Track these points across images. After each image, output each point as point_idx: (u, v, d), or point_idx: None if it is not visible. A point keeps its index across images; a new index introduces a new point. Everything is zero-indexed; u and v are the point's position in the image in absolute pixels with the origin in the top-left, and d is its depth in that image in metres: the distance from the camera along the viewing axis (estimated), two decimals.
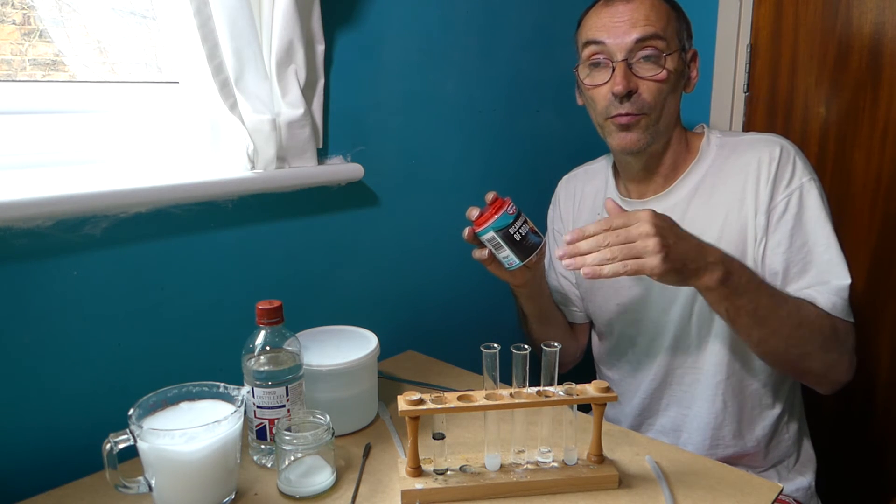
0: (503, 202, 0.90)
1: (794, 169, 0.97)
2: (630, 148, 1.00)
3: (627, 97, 0.96)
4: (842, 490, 1.47)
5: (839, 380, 0.98)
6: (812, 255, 0.96)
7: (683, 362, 1.05)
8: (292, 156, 1.02)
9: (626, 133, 0.99)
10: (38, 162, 0.87)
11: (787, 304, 0.91)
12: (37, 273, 0.82)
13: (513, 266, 0.92)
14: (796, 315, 0.90)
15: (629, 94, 0.95)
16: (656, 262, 0.78)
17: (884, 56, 1.34)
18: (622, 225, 0.81)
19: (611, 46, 0.97)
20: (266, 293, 0.88)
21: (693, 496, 0.77)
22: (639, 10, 0.96)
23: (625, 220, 0.81)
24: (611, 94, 0.96)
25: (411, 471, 0.78)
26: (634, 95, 0.96)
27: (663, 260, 0.78)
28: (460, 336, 1.37)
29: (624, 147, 1.00)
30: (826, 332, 0.92)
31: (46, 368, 0.84)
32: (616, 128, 0.99)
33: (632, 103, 0.96)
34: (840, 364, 0.96)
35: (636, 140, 0.99)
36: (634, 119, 0.97)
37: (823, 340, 0.93)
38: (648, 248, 0.79)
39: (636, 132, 0.98)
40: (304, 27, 0.98)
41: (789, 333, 0.90)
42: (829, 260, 0.95)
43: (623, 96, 0.95)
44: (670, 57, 0.97)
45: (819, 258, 0.95)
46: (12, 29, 0.93)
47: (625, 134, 0.99)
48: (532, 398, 0.78)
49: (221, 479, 0.75)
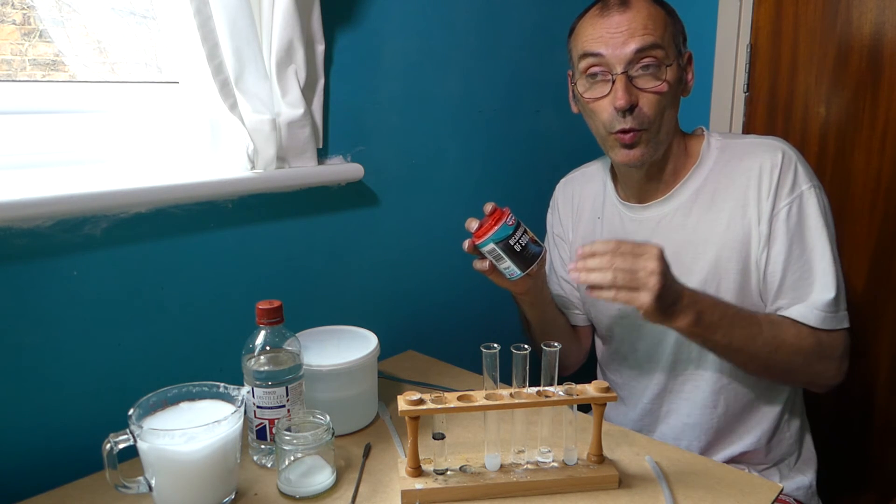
0: (502, 213, 0.89)
1: (795, 176, 0.97)
2: (634, 164, 1.00)
3: (630, 111, 0.95)
4: (842, 489, 1.47)
5: (828, 384, 1.00)
6: (809, 265, 0.96)
7: (685, 368, 1.05)
8: (292, 156, 1.02)
9: (630, 150, 0.98)
10: (38, 162, 0.87)
11: (763, 332, 0.93)
12: (37, 273, 0.82)
13: (514, 276, 0.91)
14: (772, 341, 0.93)
15: (631, 108, 0.95)
16: (649, 300, 0.82)
17: (884, 56, 1.34)
18: (630, 252, 0.83)
19: (609, 58, 0.95)
20: (266, 293, 0.88)
21: (693, 496, 0.77)
22: (636, 20, 0.94)
23: (634, 248, 0.83)
24: (613, 108, 0.96)
25: (411, 471, 0.78)
26: (636, 109, 0.95)
27: (655, 299, 0.82)
28: (460, 336, 1.37)
29: (628, 163, 1.00)
30: (807, 350, 0.95)
31: (46, 368, 0.84)
32: (619, 144, 0.99)
33: (634, 117, 0.95)
34: (827, 372, 0.98)
35: (640, 156, 0.98)
36: (637, 136, 0.97)
37: (805, 358, 0.95)
38: (649, 284, 0.82)
39: (639, 148, 0.98)
40: (304, 27, 0.98)
41: (767, 358, 0.94)
42: (823, 269, 0.95)
43: (626, 110, 0.95)
44: (670, 68, 0.95)
45: (815, 267, 0.96)
46: (12, 29, 0.93)
47: (628, 151, 0.98)
48: (532, 398, 0.78)
49: (221, 479, 0.75)
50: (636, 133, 0.96)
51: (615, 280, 0.82)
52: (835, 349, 0.96)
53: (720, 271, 1.00)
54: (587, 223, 1.18)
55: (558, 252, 1.24)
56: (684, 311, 0.87)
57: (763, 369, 0.98)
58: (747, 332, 0.92)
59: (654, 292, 0.81)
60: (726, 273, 1.00)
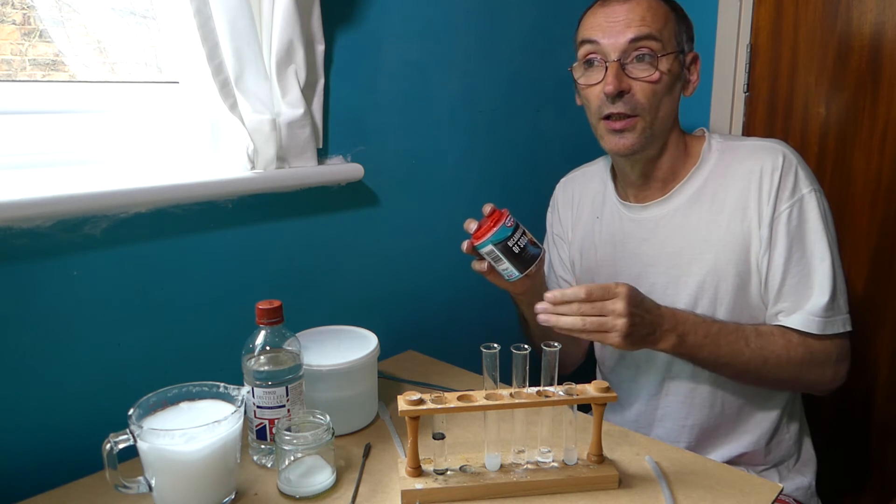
0: (501, 214, 0.89)
1: (796, 179, 0.97)
2: (623, 151, 1.00)
3: (620, 96, 0.96)
4: (842, 490, 1.47)
5: (826, 389, 1.00)
6: (808, 268, 0.96)
7: (683, 369, 1.05)
8: (292, 156, 1.02)
9: (620, 137, 0.99)
10: (38, 162, 0.87)
11: (750, 345, 0.94)
12: (37, 273, 0.82)
13: (512, 278, 0.91)
14: (760, 353, 0.94)
15: (621, 93, 0.95)
16: (618, 341, 0.87)
17: (884, 56, 1.34)
18: (599, 298, 0.86)
19: (605, 46, 0.96)
20: (266, 293, 0.88)
21: (693, 496, 0.77)
22: (635, 11, 0.96)
23: (602, 293, 0.86)
24: (603, 93, 0.96)
25: (411, 471, 0.78)
26: (627, 95, 0.96)
27: (624, 338, 0.86)
28: (460, 336, 1.37)
29: (617, 150, 1.00)
30: (797, 360, 0.95)
31: (46, 368, 0.84)
32: (609, 131, 0.99)
33: (624, 103, 0.96)
34: (822, 378, 0.98)
35: (630, 144, 0.98)
36: (629, 123, 0.97)
37: (795, 368, 0.95)
38: (616, 326, 0.86)
39: (630, 136, 0.98)
40: (304, 27, 0.98)
41: (757, 370, 0.95)
42: (822, 273, 0.95)
43: (615, 96, 0.95)
44: (665, 58, 0.96)
45: (814, 271, 0.96)
46: (12, 29, 0.93)
47: (618, 138, 0.99)
48: (532, 398, 0.78)
49: (221, 479, 0.75)
50: (627, 120, 0.97)
51: (585, 325, 0.86)
52: (829, 355, 0.96)
53: (718, 273, 1.00)
54: (586, 222, 1.18)
55: (557, 251, 1.24)
56: (664, 336, 0.91)
57: (755, 380, 0.99)
58: (733, 347, 0.94)
59: (622, 333, 0.86)
60: (725, 275, 1.00)
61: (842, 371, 0.99)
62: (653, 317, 0.90)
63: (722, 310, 1.01)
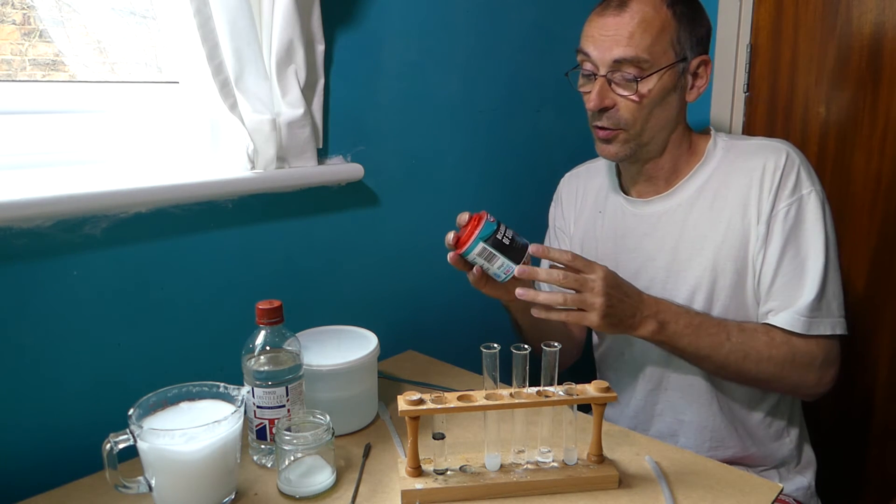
0: (480, 215, 0.88)
1: (797, 179, 0.97)
2: (609, 158, 1.03)
3: (605, 111, 0.97)
4: (842, 490, 1.47)
5: (810, 393, 0.99)
6: (801, 268, 0.96)
7: (679, 367, 1.05)
8: (292, 156, 1.02)
9: (606, 145, 1.01)
10: (38, 162, 0.87)
11: (731, 339, 0.94)
12: (37, 273, 0.82)
13: (509, 273, 0.88)
14: (741, 349, 0.94)
15: (605, 108, 0.97)
16: (595, 320, 0.88)
17: (884, 56, 1.34)
18: (580, 269, 0.88)
19: (595, 59, 0.97)
20: (266, 293, 0.88)
21: (693, 496, 0.77)
22: (624, 27, 0.94)
23: (584, 266, 0.88)
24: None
25: (411, 471, 0.78)
26: (612, 111, 0.97)
27: (601, 317, 0.87)
28: (460, 336, 1.37)
29: (604, 157, 1.04)
30: (779, 359, 0.94)
31: (46, 368, 0.84)
32: (597, 138, 1.02)
33: (608, 118, 0.98)
34: (805, 381, 0.97)
35: (615, 152, 1.01)
36: (612, 134, 0.99)
37: (777, 367, 0.95)
38: (594, 305, 0.87)
39: (615, 145, 1.00)
40: (304, 27, 0.98)
41: (737, 365, 0.95)
42: (814, 274, 0.95)
43: (599, 111, 0.97)
44: (647, 80, 0.95)
45: (807, 271, 0.95)
46: (12, 29, 0.93)
47: (605, 146, 1.01)
48: (532, 398, 0.78)
49: (221, 479, 0.75)
50: (611, 131, 0.99)
51: (564, 301, 0.87)
52: (813, 357, 0.95)
53: (717, 270, 1.00)
54: (589, 217, 1.18)
55: (559, 245, 1.24)
56: (644, 321, 0.92)
57: (735, 376, 0.98)
58: (714, 339, 0.94)
59: (600, 312, 0.87)
60: (723, 272, 1.00)
61: (827, 376, 0.97)
62: (633, 301, 0.91)
63: (718, 306, 1.01)
